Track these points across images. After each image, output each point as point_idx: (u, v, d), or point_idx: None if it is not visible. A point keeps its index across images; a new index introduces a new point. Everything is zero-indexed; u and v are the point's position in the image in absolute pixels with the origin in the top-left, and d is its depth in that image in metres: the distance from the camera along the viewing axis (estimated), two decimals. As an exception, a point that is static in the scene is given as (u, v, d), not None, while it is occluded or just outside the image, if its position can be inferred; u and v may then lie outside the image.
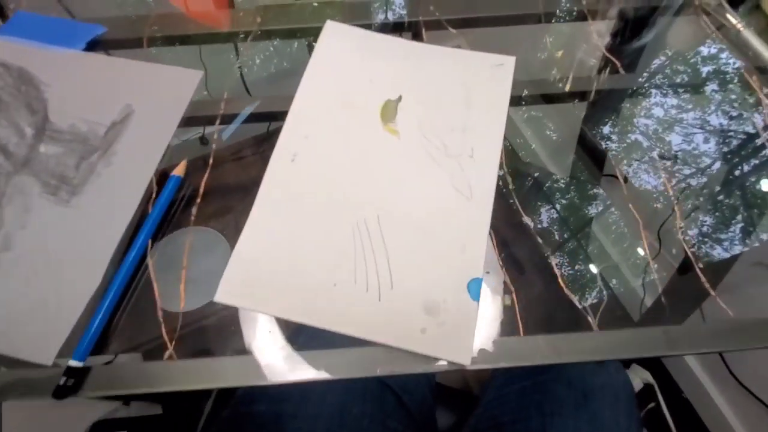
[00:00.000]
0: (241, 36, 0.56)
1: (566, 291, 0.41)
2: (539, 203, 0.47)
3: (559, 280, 0.42)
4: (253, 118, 0.50)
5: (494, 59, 0.52)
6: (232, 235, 0.41)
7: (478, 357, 0.37)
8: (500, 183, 0.46)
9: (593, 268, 0.43)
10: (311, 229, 0.41)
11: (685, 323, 0.39)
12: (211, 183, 0.46)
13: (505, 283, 0.41)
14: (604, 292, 0.40)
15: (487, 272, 0.41)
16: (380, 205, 0.41)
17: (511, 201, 0.46)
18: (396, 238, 0.40)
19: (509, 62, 0.51)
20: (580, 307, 0.39)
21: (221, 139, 0.48)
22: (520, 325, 0.39)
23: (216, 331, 0.39)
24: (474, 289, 0.39)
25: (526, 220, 0.45)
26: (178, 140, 0.48)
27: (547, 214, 0.46)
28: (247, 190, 0.43)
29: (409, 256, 0.40)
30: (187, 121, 0.49)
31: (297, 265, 0.39)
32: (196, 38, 0.55)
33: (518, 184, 0.46)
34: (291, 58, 0.58)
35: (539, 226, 0.44)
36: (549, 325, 0.39)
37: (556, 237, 0.44)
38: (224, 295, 0.38)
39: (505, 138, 0.49)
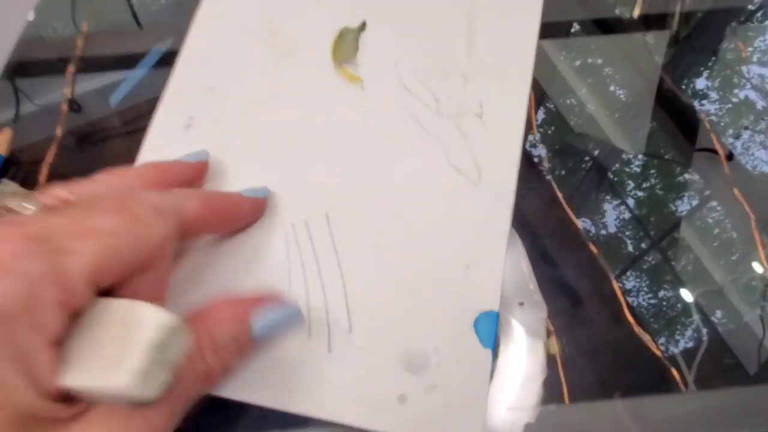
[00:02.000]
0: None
1: (638, 330, 0.33)
2: (600, 196, 0.39)
3: (628, 314, 0.34)
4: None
5: None
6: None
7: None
8: (531, 158, 0.37)
9: (685, 295, 0.35)
10: (214, 239, 0.33)
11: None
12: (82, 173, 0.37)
13: (547, 319, 0.33)
14: (703, 332, 0.34)
15: (521, 303, 0.32)
16: (331, 198, 0.33)
17: (554, 191, 0.37)
18: (356, 250, 0.32)
19: None
20: (664, 354, 0.33)
21: (111, 104, 0.38)
22: (565, 389, 0.31)
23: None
24: (485, 328, 0.30)
25: (579, 222, 0.37)
26: (32, 106, 0.38)
27: (612, 213, 0.38)
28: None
29: (377, 279, 0.31)
30: (27, 71, 0.38)
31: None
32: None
33: (566, 168, 0.39)
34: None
35: (599, 230, 0.37)
36: (616, 385, 0.31)
37: (627, 248, 0.37)
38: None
39: (548, 97, 0.39)
